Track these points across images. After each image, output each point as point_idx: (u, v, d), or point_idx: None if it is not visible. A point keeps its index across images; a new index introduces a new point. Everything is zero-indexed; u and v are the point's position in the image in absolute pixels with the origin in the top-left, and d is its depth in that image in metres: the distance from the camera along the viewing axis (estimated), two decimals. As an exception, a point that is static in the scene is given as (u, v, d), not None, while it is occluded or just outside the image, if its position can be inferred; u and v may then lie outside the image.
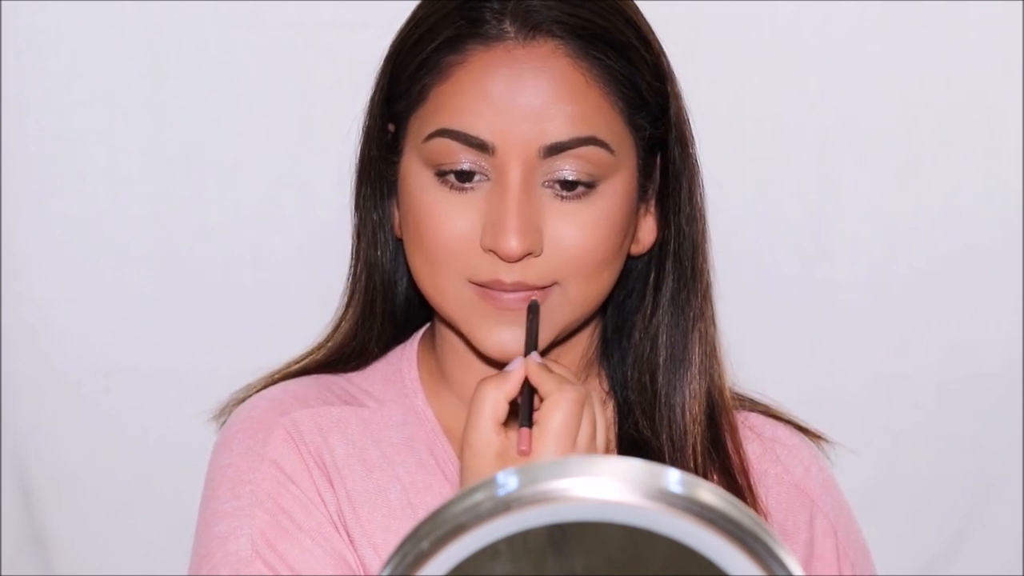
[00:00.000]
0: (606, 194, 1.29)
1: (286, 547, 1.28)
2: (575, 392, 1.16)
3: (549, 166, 1.27)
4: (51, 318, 1.85)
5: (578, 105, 1.27)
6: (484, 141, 1.26)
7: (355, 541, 1.30)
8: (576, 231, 1.28)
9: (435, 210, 1.28)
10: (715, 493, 0.79)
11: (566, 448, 1.15)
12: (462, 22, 1.28)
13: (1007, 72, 1.84)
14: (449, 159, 1.27)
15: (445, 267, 1.28)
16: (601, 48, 1.28)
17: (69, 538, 1.87)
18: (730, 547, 0.79)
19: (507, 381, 1.18)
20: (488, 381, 1.18)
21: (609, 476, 0.79)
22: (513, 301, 1.28)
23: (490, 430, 1.17)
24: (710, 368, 1.37)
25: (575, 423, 1.16)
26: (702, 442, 1.36)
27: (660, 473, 0.79)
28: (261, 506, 1.29)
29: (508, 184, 1.26)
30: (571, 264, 1.28)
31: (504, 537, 0.80)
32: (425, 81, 1.29)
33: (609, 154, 1.28)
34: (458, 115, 1.27)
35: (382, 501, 1.32)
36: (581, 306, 1.31)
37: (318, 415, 1.34)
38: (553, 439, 1.15)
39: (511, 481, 0.79)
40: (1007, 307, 1.87)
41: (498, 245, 1.25)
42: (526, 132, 1.26)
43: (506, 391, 1.18)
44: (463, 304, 1.29)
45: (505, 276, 1.27)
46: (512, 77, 1.27)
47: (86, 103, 1.83)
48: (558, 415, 1.15)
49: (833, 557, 1.38)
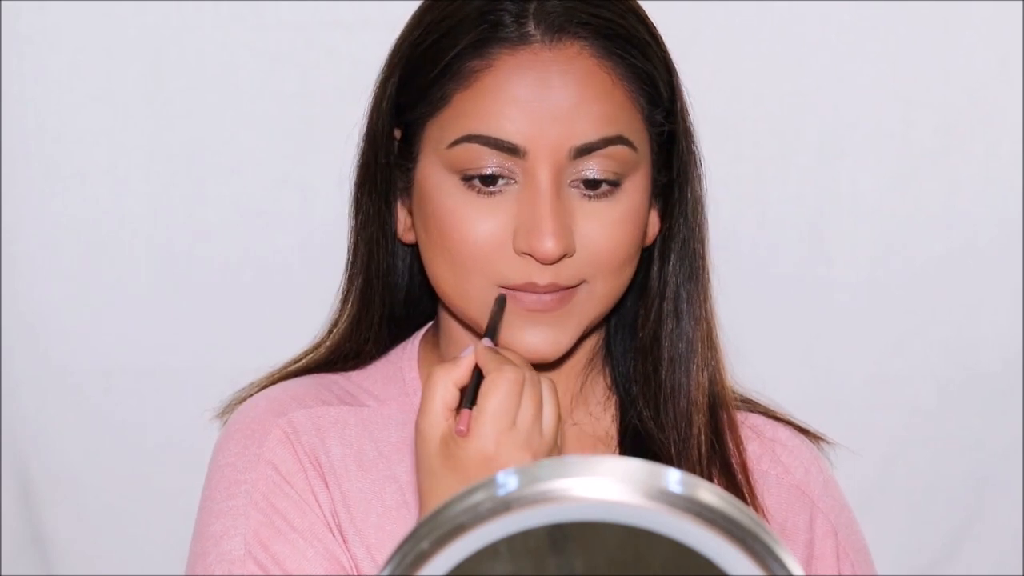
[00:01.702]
0: (629, 191, 1.29)
1: (279, 548, 1.28)
2: (513, 372, 1.17)
3: (577, 166, 1.27)
4: (51, 318, 1.85)
5: (605, 105, 1.27)
6: (515, 145, 1.26)
7: (348, 541, 1.30)
8: (603, 230, 1.28)
9: (461, 214, 1.28)
10: (715, 493, 0.79)
11: (505, 428, 1.16)
12: (484, 26, 1.28)
13: (1007, 72, 1.84)
14: (476, 164, 1.27)
15: (473, 272, 1.28)
16: (623, 47, 1.29)
17: (69, 538, 1.87)
18: (730, 547, 0.79)
19: (457, 367, 1.19)
20: (439, 368, 1.19)
21: (609, 476, 0.79)
22: (540, 303, 1.28)
23: (438, 414, 1.17)
24: (712, 361, 1.37)
25: (512, 402, 1.16)
26: (706, 432, 1.36)
27: (660, 473, 0.79)
28: (256, 506, 1.30)
29: (540, 187, 1.26)
30: (599, 262, 1.29)
31: (504, 537, 0.80)
32: (448, 87, 1.28)
33: (633, 152, 1.29)
34: (486, 120, 1.27)
35: (377, 501, 1.32)
36: (606, 302, 1.32)
37: (316, 416, 1.34)
38: (490, 418, 1.16)
39: (511, 481, 0.79)
40: (1006, 307, 1.87)
41: (535, 248, 1.26)
42: (556, 134, 1.26)
43: (456, 376, 1.19)
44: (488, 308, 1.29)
45: (539, 278, 1.27)
46: (540, 80, 1.27)
47: (86, 103, 1.83)
48: (495, 394, 1.16)
49: (833, 558, 1.38)
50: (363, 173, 1.37)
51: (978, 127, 1.85)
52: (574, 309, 1.29)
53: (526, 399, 1.17)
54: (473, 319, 1.31)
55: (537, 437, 1.18)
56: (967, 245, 1.87)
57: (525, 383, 1.18)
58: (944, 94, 1.85)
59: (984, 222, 1.86)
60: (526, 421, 1.17)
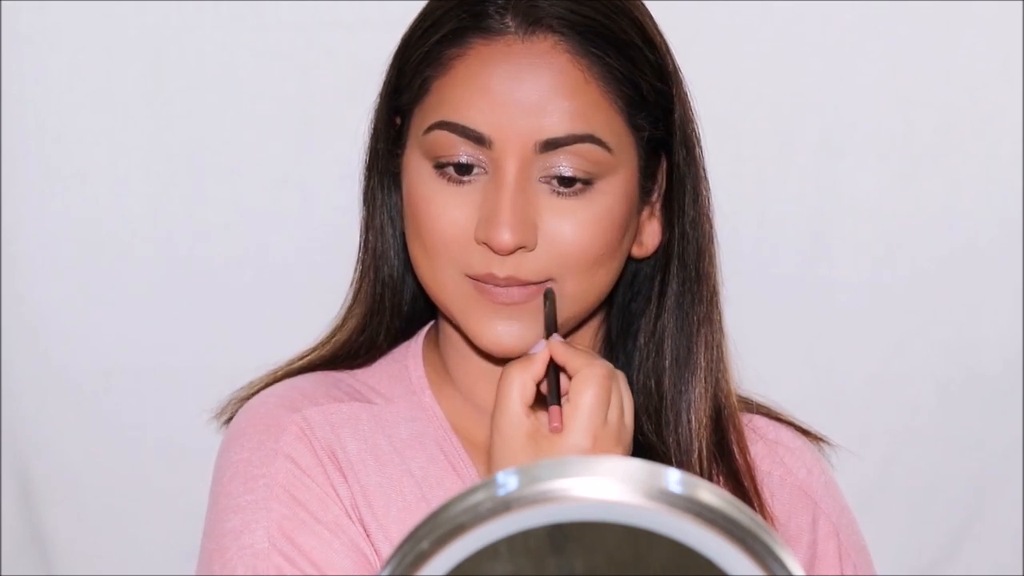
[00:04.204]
0: (604, 192, 1.29)
1: (304, 539, 1.27)
2: (604, 368, 1.18)
3: (546, 161, 1.27)
4: (51, 318, 1.85)
5: (576, 101, 1.27)
6: (481, 134, 1.26)
7: (371, 535, 1.30)
8: (571, 227, 1.28)
9: (432, 202, 1.28)
10: (715, 493, 0.79)
11: (598, 424, 1.16)
12: (464, 16, 1.29)
13: (1007, 72, 1.84)
14: (448, 151, 1.28)
15: (442, 259, 1.29)
16: (601, 46, 1.28)
17: (69, 538, 1.87)
18: (730, 547, 0.79)
19: (533, 363, 1.19)
20: (514, 364, 1.19)
21: (609, 476, 0.79)
22: (507, 296, 1.28)
23: (519, 412, 1.17)
24: (716, 373, 1.36)
25: (606, 397, 1.17)
26: (708, 447, 1.35)
27: (660, 473, 0.79)
28: (277, 499, 1.28)
29: (503, 178, 1.26)
30: (566, 260, 1.28)
31: (504, 537, 0.80)
32: (427, 74, 1.29)
33: (607, 152, 1.28)
34: (457, 108, 1.27)
35: (396, 495, 1.32)
36: (577, 304, 1.31)
37: (329, 412, 1.34)
38: (585, 414, 1.16)
39: (511, 481, 0.79)
40: (1007, 307, 1.87)
41: (490, 237, 1.26)
42: (523, 127, 1.26)
43: (533, 372, 1.19)
44: (460, 298, 1.29)
45: (498, 270, 1.27)
46: (511, 71, 1.27)
47: (86, 103, 1.83)
48: (589, 390, 1.17)
49: (835, 559, 1.38)
50: (368, 161, 1.38)
51: (978, 127, 1.85)
52: (539, 309, 1.28)
53: (614, 395, 1.18)
54: (446, 307, 1.31)
55: (624, 431, 1.19)
56: (967, 245, 1.86)
57: (612, 379, 1.18)
58: (944, 94, 1.85)
59: (984, 222, 1.86)
60: (615, 416, 1.18)
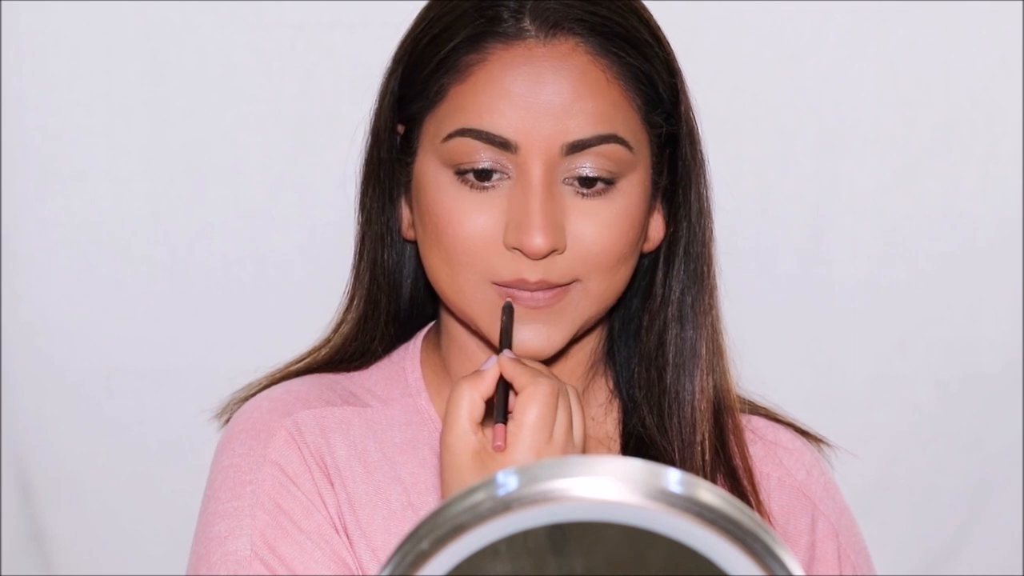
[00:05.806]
0: (625, 191, 1.29)
1: (285, 548, 1.28)
2: (549, 384, 1.16)
3: (570, 163, 1.27)
4: (51, 318, 1.85)
5: (599, 102, 1.27)
6: (507, 139, 1.26)
7: (354, 543, 1.30)
8: (597, 228, 1.28)
9: (455, 209, 1.28)
10: (715, 493, 0.79)
11: (542, 441, 1.15)
12: (480, 21, 1.28)
13: (1007, 72, 1.84)
14: (469, 158, 1.27)
15: (466, 267, 1.28)
16: (620, 45, 1.29)
17: (69, 538, 1.87)
18: (730, 547, 0.79)
19: (482, 379, 1.18)
20: (463, 380, 1.18)
21: (609, 476, 0.79)
22: (534, 300, 1.28)
23: (467, 429, 1.16)
24: (716, 366, 1.37)
25: (550, 415, 1.15)
26: (710, 439, 1.36)
27: (660, 473, 0.79)
28: (262, 507, 1.29)
29: (531, 182, 1.26)
30: (592, 261, 1.28)
31: (504, 537, 0.80)
32: (443, 80, 1.29)
33: (628, 151, 1.28)
34: (479, 114, 1.27)
35: (382, 503, 1.32)
36: (601, 302, 1.32)
37: (320, 416, 1.34)
38: (529, 432, 1.15)
39: (511, 481, 0.79)
40: (1006, 307, 1.87)
41: (523, 243, 1.26)
42: (548, 130, 1.26)
43: (481, 390, 1.17)
44: (485, 305, 1.29)
45: (529, 275, 1.27)
46: (533, 75, 1.27)
47: (86, 103, 1.83)
48: (533, 408, 1.15)
49: (835, 560, 1.38)
50: (367, 169, 1.37)
51: (978, 127, 1.85)
52: (568, 307, 1.29)
53: (561, 411, 1.17)
54: (469, 316, 1.31)
55: (571, 448, 1.18)
56: (967, 245, 1.87)
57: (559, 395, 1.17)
58: (944, 94, 1.85)
59: (984, 222, 1.86)
60: (562, 432, 1.16)
